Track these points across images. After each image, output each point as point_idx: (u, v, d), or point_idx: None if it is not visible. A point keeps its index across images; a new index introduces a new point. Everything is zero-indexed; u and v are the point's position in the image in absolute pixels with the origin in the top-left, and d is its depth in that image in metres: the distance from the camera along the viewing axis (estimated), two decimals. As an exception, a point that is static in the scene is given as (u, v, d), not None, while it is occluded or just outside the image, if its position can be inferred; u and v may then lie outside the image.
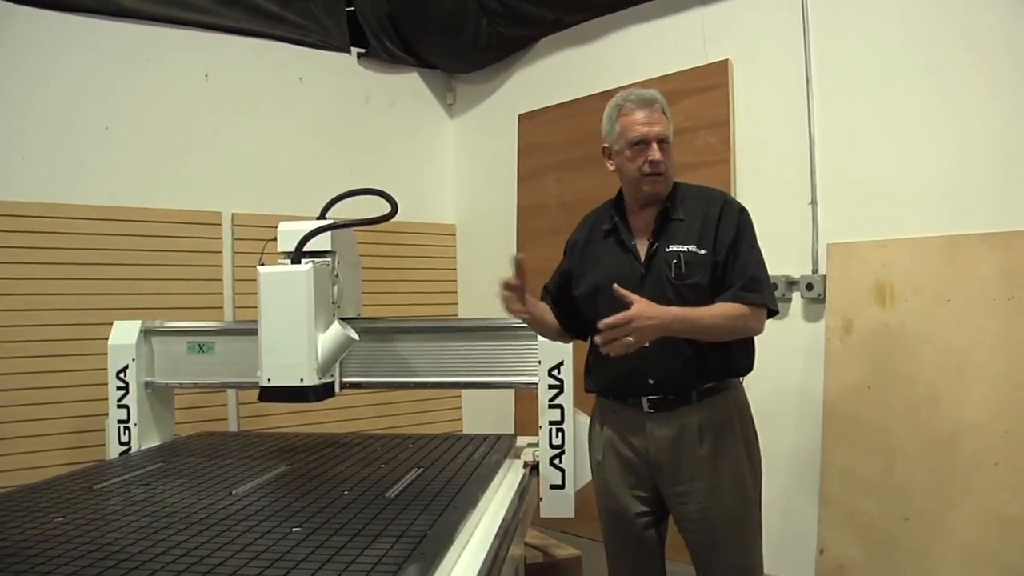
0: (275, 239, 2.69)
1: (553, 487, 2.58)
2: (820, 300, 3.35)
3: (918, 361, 3.06)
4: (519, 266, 2.23)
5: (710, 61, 3.76)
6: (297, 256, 2.55)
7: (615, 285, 2.12)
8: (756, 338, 2.33)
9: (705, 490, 2.26)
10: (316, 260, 2.63)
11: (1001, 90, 2.96)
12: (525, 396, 2.64)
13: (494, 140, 4.95)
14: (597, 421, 2.47)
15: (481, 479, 2.14)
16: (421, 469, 2.27)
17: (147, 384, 2.89)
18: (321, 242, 2.64)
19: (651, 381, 2.26)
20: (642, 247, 2.32)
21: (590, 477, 2.60)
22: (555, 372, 2.61)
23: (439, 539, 1.56)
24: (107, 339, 2.91)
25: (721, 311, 2.21)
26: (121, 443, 2.83)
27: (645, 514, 2.38)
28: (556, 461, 2.59)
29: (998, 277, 2.92)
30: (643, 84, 4.00)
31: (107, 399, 2.88)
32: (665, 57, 3.91)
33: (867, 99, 3.28)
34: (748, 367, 2.37)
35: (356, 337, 2.55)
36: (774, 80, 3.55)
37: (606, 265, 2.36)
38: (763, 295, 2.26)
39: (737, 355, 2.31)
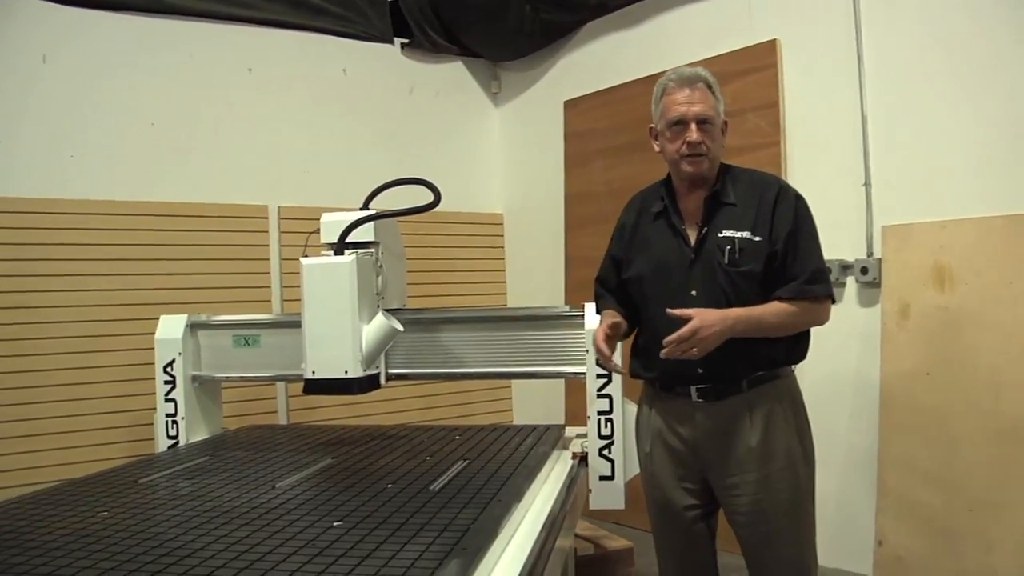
0: (318, 231, 2.67)
1: (602, 478, 2.53)
2: (875, 284, 3.24)
3: (979, 346, 2.94)
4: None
5: (758, 41, 3.65)
6: (340, 247, 2.52)
7: (668, 310, 2.06)
8: None
9: (756, 482, 2.18)
10: (359, 251, 2.61)
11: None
12: (575, 386, 2.59)
13: (540, 128, 4.89)
14: (645, 408, 2.41)
15: (527, 471, 2.10)
16: (467, 461, 2.24)
17: (194, 378, 2.90)
18: (364, 233, 2.62)
19: (700, 370, 2.18)
20: (692, 231, 2.24)
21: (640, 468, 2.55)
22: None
23: (482, 533, 1.52)
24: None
25: (784, 308, 2.14)
26: (169, 436, 2.84)
27: (694, 507, 2.31)
28: (605, 452, 2.53)
29: (1066, 258, 2.79)
30: (691, 66, 3.96)
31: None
32: (712, 38, 3.81)
33: (922, 74, 3.15)
34: (801, 355, 2.28)
35: (400, 328, 2.51)
36: (824, 58, 3.44)
37: (655, 249, 2.29)
38: (828, 286, 2.19)
39: (790, 343, 2.23)
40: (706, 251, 2.20)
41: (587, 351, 2.54)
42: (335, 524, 1.62)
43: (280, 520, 1.65)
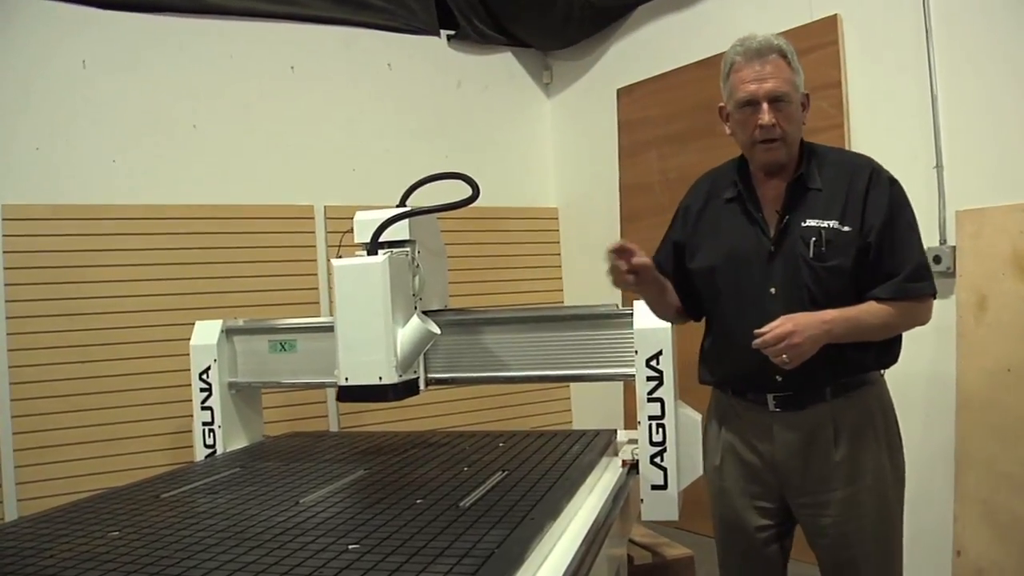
0: (351, 230, 2.56)
1: (654, 487, 2.35)
2: (950, 274, 2.98)
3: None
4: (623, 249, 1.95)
5: (817, 18, 3.43)
6: (373, 247, 2.40)
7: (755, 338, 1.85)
8: None
9: (840, 502, 1.97)
10: (394, 250, 2.49)
11: None
12: (633, 387, 2.42)
13: (593, 118, 4.72)
14: (714, 419, 2.21)
15: (568, 484, 1.94)
16: (506, 472, 2.09)
17: (231, 385, 2.81)
18: (399, 231, 2.50)
19: (779, 378, 1.97)
20: (771, 220, 2.01)
21: (699, 473, 2.37)
22: (653, 363, 2.37)
23: (507, 559, 1.38)
24: (196, 339, 2.86)
25: (884, 310, 1.91)
26: (206, 445, 2.76)
27: (768, 527, 2.11)
28: (657, 460, 2.36)
29: None
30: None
31: (194, 400, 2.82)
32: (768, 16, 3.59)
33: (996, 47, 2.89)
34: (893, 359, 2.04)
35: (437, 331, 2.38)
36: (889, 33, 3.19)
37: (727, 238, 2.06)
38: (931, 283, 1.95)
39: (880, 345, 1.99)
40: (788, 243, 1.97)
41: (635, 352, 2.37)
42: (350, 547, 1.49)
43: (293, 543, 1.53)
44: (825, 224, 1.95)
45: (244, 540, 1.57)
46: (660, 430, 2.35)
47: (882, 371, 2.07)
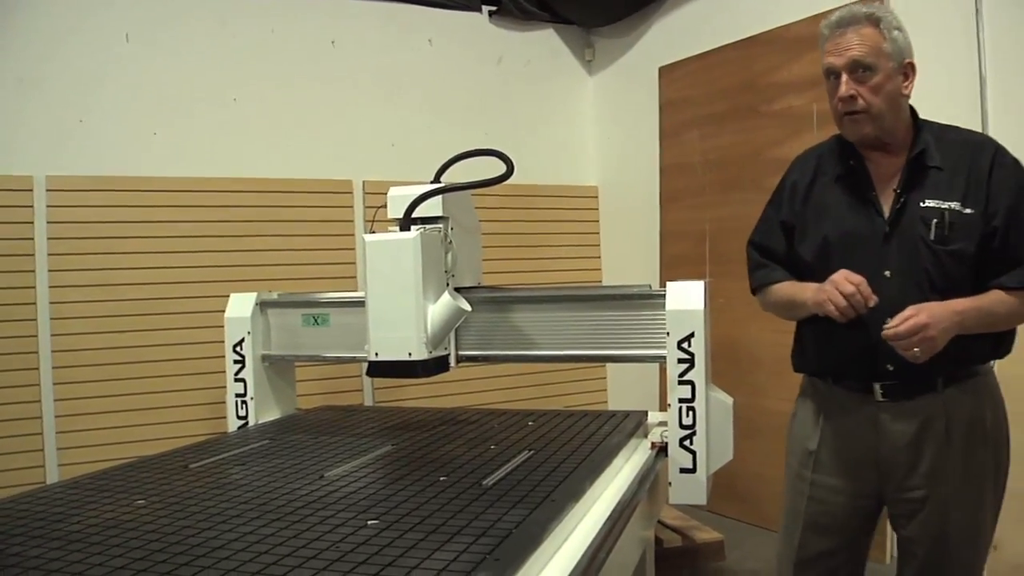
0: (384, 205, 2.55)
1: (683, 471, 2.33)
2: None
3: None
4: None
5: (867, -6, 3.34)
6: (406, 223, 2.39)
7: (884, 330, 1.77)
8: None
9: (944, 500, 1.89)
10: (427, 227, 2.47)
11: None
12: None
13: (634, 96, 4.67)
14: (811, 403, 2.09)
15: (593, 465, 1.92)
16: (532, 452, 2.08)
17: (264, 357, 2.83)
18: (432, 207, 2.47)
19: (890, 367, 1.88)
20: (886, 200, 1.92)
21: (729, 458, 2.34)
22: (685, 344, 2.33)
23: (523, 540, 1.36)
24: (230, 311, 2.88)
25: (1014, 300, 1.82)
26: (239, 417, 2.79)
27: (856, 527, 2.03)
28: (686, 443, 2.33)
29: None
30: (787, 27, 3.66)
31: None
32: (814, -6, 3.52)
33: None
34: (1007, 349, 1.95)
35: (468, 308, 2.37)
36: (937, 11, 3.10)
37: (838, 218, 1.96)
38: None
39: (997, 334, 1.90)
40: (905, 224, 1.88)
41: (667, 333, 2.34)
42: (369, 523, 1.49)
43: (313, 516, 1.54)
44: (946, 205, 1.85)
45: (265, 512, 1.57)
46: (690, 413, 2.32)
47: (993, 363, 1.99)
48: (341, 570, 1.25)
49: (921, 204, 1.87)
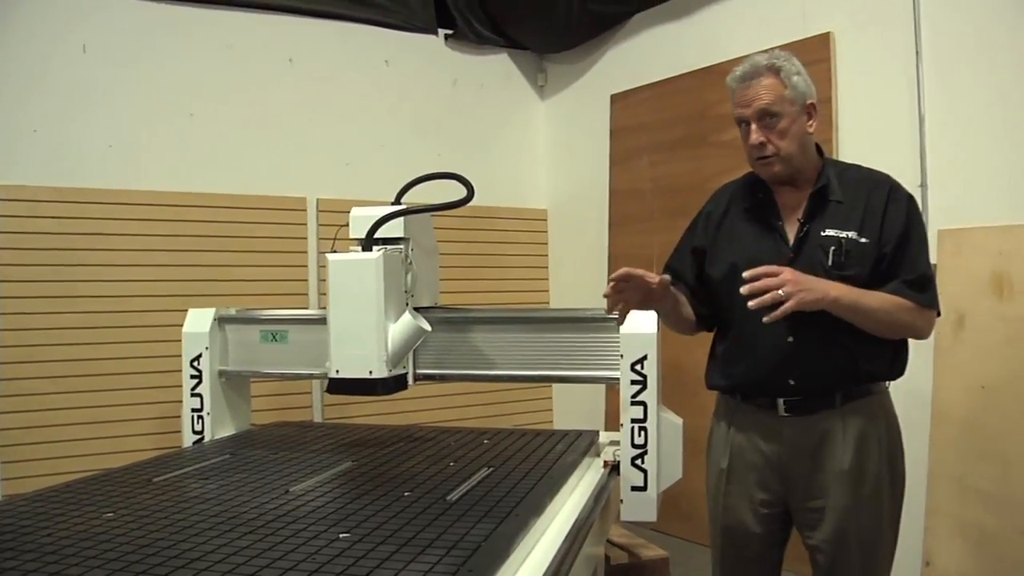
0: (347, 225, 2.60)
1: (634, 489, 2.40)
2: (932, 291, 3.07)
3: (1042, 359, 2.78)
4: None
5: (811, 34, 3.50)
6: (368, 243, 2.44)
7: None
8: None
9: (843, 508, 2.04)
10: (388, 247, 2.52)
11: None
12: (616, 390, 2.48)
13: (586, 122, 4.79)
14: (723, 422, 2.27)
15: (552, 482, 1.99)
16: (491, 469, 2.14)
17: (221, 373, 2.84)
18: (394, 228, 2.52)
19: (792, 381, 2.04)
20: (790, 228, 2.09)
21: (678, 477, 2.43)
22: (638, 367, 2.42)
23: (493, 552, 1.43)
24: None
25: (888, 299, 1.98)
26: (194, 432, 2.79)
27: (768, 533, 2.17)
28: (638, 462, 2.41)
29: None
30: (737, 60, 3.80)
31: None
32: (764, 30, 3.67)
33: (985, 70, 2.98)
34: (900, 371, 2.12)
35: (428, 328, 2.43)
36: (880, 53, 3.28)
37: (746, 245, 2.13)
38: (932, 296, 2.02)
39: (891, 356, 2.08)
40: (806, 251, 2.05)
41: (621, 356, 2.43)
42: (341, 536, 1.53)
43: (285, 529, 1.58)
44: (844, 234, 2.02)
45: (237, 525, 1.61)
46: (642, 433, 2.40)
47: (887, 383, 2.13)
48: (320, 581, 1.30)
49: (822, 233, 2.04)
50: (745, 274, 1.92)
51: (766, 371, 2.06)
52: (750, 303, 1.90)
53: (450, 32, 4.71)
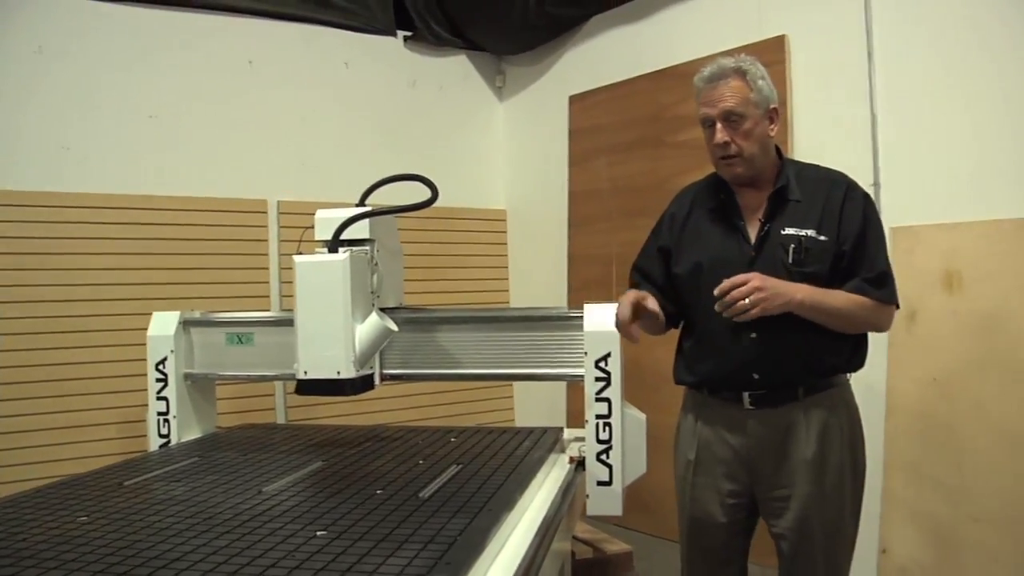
0: (313, 227, 2.62)
1: (600, 483, 2.46)
2: (885, 287, 3.17)
3: (989, 352, 2.87)
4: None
5: (765, 37, 3.58)
6: (334, 245, 2.47)
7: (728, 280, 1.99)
8: None
9: (807, 497, 2.11)
10: (354, 248, 2.55)
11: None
12: (577, 387, 2.54)
13: (544, 123, 4.83)
14: (690, 415, 2.34)
15: (521, 478, 2.04)
16: (460, 466, 2.18)
17: (186, 376, 2.85)
18: (359, 230, 2.56)
19: (756, 376, 2.12)
20: (752, 228, 2.16)
21: (643, 471, 2.48)
22: (602, 364, 2.47)
23: (469, 546, 1.47)
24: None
25: (851, 298, 2.06)
26: (161, 435, 2.79)
27: (734, 523, 2.24)
28: (603, 457, 2.47)
29: (1079, 261, 2.72)
30: (694, 63, 3.86)
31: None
32: (720, 33, 3.74)
33: (935, 73, 3.07)
34: (860, 363, 2.20)
35: (395, 328, 2.46)
36: (834, 55, 3.36)
37: (709, 244, 2.21)
38: (892, 292, 2.12)
39: (851, 350, 2.16)
40: (768, 249, 2.12)
41: (585, 353, 2.48)
42: (318, 533, 1.56)
43: (262, 528, 1.60)
44: (803, 233, 2.10)
45: (214, 526, 1.63)
46: (607, 429, 2.46)
47: (848, 375, 2.21)
48: (302, 576, 1.32)
49: (782, 232, 2.12)
50: (716, 291, 1.98)
51: (731, 367, 2.13)
52: (723, 314, 1.97)
53: (409, 34, 4.73)
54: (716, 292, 1.98)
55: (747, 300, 1.95)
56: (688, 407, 2.35)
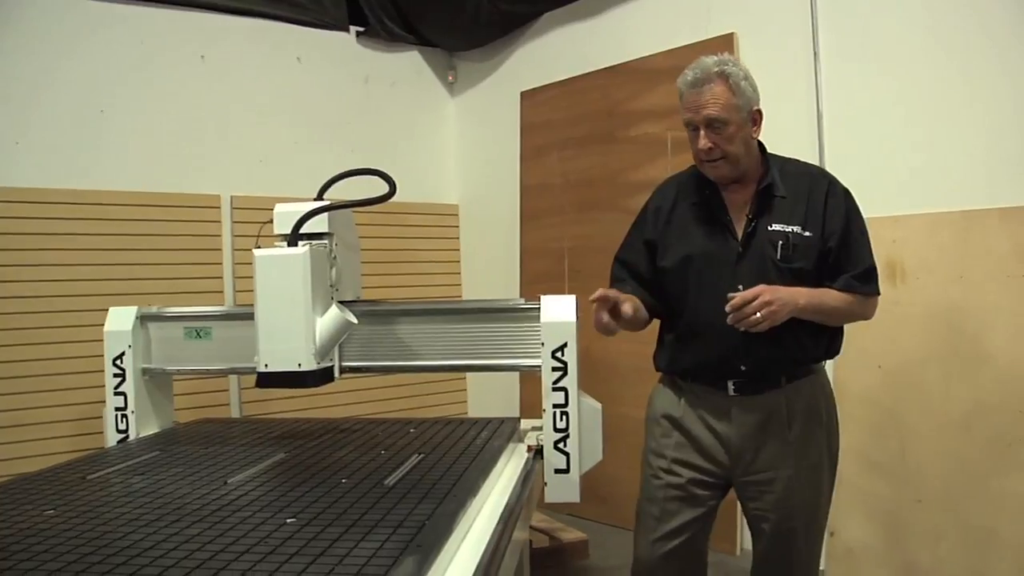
0: (271, 221, 2.63)
1: (558, 471, 2.52)
2: (829, 277, 3.28)
3: (930, 340, 3.00)
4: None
5: (714, 35, 3.67)
6: (293, 239, 2.48)
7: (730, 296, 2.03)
8: None
9: (788, 478, 2.18)
10: (313, 242, 2.57)
11: (1018, 61, 2.88)
12: (530, 378, 2.59)
13: (496, 119, 4.88)
14: (669, 389, 2.36)
15: (482, 465, 2.09)
16: (422, 455, 2.22)
17: (144, 371, 2.84)
18: (318, 224, 2.58)
19: (743, 367, 2.17)
20: (738, 224, 2.20)
21: (599, 459, 2.54)
22: (558, 354, 2.53)
23: (437, 530, 1.51)
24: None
25: (842, 297, 2.13)
26: (119, 431, 2.78)
27: (707, 501, 2.30)
28: (561, 445, 2.52)
29: (1014, 254, 2.85)
30: (644, 59, 3.94)
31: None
32: (670, 31, 3.83)
33: (878, 71, 3.20)
34: (837, 350, 2.28)
35: (355, 320, 2.49)
36: (781, 52, 3.47)
37: (696, 239, 2.23)
38: (876, 286, 2.19)
39: (829, 339, 2.23)
40: (755, 245, 2.16)
41: (542, 344, 2.53)
42: (288, 521, 1.59)
43: (232, 517, 1.63)
44: (790, 229, 2.15)
45: (184, 515, 1.65)
46: (564, 417, 2.52)
47: (825, 362, 2.30)
48: (277, 561, 1.36)
49: (769, 228, 2.17)
50: (728, 307, 2.03)
51: (718, 358, 2.18)
52: (737, 327, 2.03)
53: (361, 29, 4.74)
54: (728, 308, 2.02)
55: (759, 314, 2.01)
56: (667, 383, 2.40)
